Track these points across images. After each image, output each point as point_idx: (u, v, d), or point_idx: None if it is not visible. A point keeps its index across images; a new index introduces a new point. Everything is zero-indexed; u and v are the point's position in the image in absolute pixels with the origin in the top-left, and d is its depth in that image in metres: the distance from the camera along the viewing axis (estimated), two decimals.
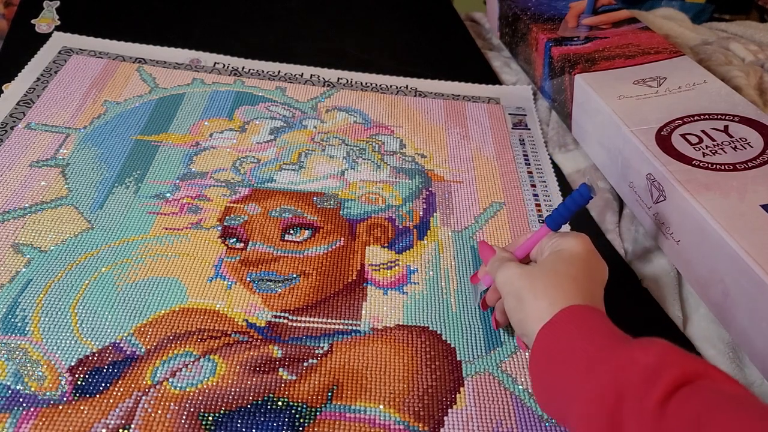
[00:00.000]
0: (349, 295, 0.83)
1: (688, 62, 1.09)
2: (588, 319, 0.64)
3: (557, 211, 0.76)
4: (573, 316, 0.65)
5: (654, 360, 0.55)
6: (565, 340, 0.63)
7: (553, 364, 0.63)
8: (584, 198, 0.74)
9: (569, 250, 0.72)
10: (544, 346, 0.65)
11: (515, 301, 0.70)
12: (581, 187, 0.74)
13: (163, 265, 0.83)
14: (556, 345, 0.64)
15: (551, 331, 0.65)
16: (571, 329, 0.64)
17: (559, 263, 0.71)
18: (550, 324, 0.65)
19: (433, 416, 0.70)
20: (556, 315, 0.65)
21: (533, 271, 0.71)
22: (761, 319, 0.73)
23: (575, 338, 0.62)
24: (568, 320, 0.65)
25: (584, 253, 0.72)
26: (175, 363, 0.72)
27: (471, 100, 1.24)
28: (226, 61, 1.24)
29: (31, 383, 0.68)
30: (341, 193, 0.97)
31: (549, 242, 0.75)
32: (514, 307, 0.71)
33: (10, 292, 0.77)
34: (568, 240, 0.73)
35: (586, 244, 0.73)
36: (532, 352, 0.66)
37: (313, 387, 0.71)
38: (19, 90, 1.07)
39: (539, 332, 0.65)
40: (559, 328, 0.64)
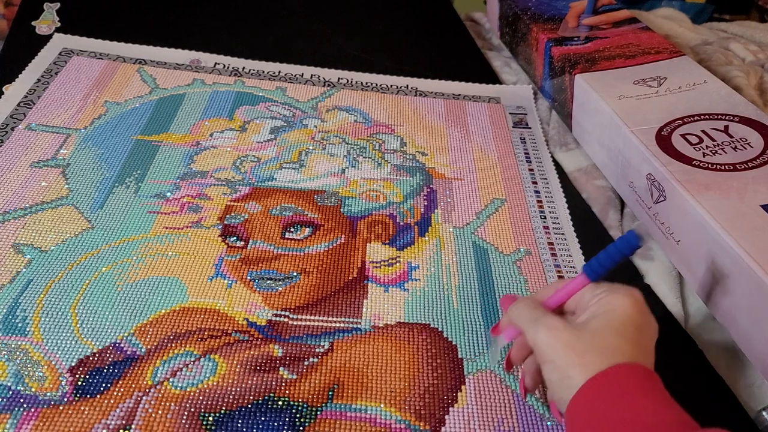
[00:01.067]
0: (349, 292, 0.83)
1: (688, 62, 1.09)
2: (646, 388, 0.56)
3: (597, 261, 0.64)
4: (628, 378, 0.56)
5: None
6: (620, 407, 0.54)
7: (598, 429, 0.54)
8: (631, 247, 0.63)
9: (621, 313, 0.61)
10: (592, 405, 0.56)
11: (559, 376, 0.59)
12: (628, 235, 0.63)
13: (163, 264, 0.83)
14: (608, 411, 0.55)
15: (602, 390, 0.56)
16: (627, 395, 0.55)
17: (610, 332, 0.59)
18: (599, 379, 0.56)
19: (435, 415, 0.70)
20: (607, 370, 0.56)
21: (582, 339, 0.59)
22: (761, 319, 0.73)
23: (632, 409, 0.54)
24: (624, 383, 0.56)
25: (637, 316, 0.61)
26: (176, 363, 0.72)
27: (471, 99, 1.24)
28: (227, 62, 1.24)
29: (31, 384, 0.68)
30: (342, 191, 0.98)
31: (594, 297, 0.64)
32: (557, 382, 0.59)
33: (11, 293, 0.77)
34: (617, 298, 0.62)
35: (638, 305, 0.62)
36: (571, 405, 0.57)
37: (313, 386, 0.71)
38: (19, 91, 1.07)
39: (584, 385, 0.56)
40: (612, 390, 0.56)
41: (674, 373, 0.71)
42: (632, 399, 0.54)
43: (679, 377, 0.75)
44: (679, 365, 0.79)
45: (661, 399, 0.55)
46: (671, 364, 0.76)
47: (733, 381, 0.79)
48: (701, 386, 0.78)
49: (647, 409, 0.53)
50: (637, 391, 0.55)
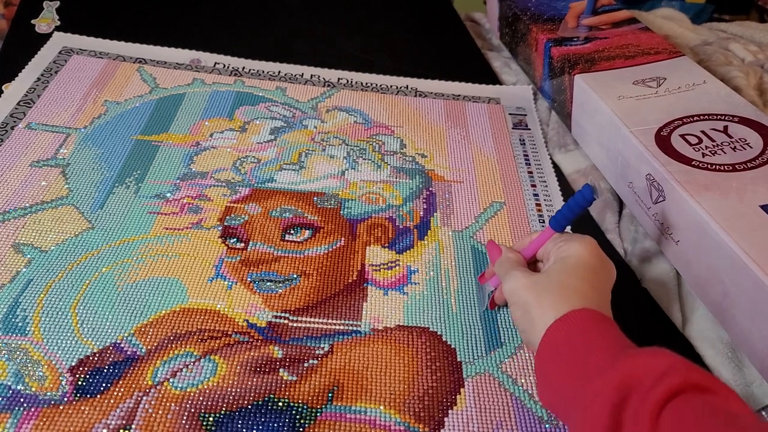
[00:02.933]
0: (349, 295, 0.83)
1: (688, 63, 1.09)
2: (599, 323, 0.65)
3: (561, 213, 0.76)
4: (584, 318, 0.65)
5: (661, 367, 0.56)
6: (572, 341, 0.64)
7: (561, 363, 0.64)
8: (586, 200, 0.74)
9: (575, 257, 0.72)
10: (550, 345, 0.66)
11: (521, 312, 0.71)
12: (584, 189, 0.73)
13: (163, 265, 0.83)
14: (564, 346, 0.64)
15: (562, 328, 0.65)
16: (581, 330, 0.65)
17: (565, 274, 0.71)
18: (559, 322, 0.66)
19: (434, 417, 0.70)
20: (567, 314, 0.66)
21: (539, 282, 0.71)
22: (760, 319, 0.73)
23: (585, 339, 0.63)
24: (577, 322, 0.65)
25: (590, 259, 0.72)
26: (176, 363, 0.72)
27: (471, 100, 1.24)
28: (227, 62, 1.24)
29: (31, 383, 0.68)
30: (342, 193, 0.97)
31: (554, 246, 0.76)
32: (520, 318, 0.71)
33: (11, 292, 0.77)
34: (573, 245, 0.73)
35: (591, 248, 0.73)
36: (539, 350, 0.67)
37: (313, 388, 0.71)
38: (19, 90, 1.07)
39: (549, 328, 0.66)
40: (568, 329, 0.65)
41: None
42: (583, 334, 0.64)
43: None
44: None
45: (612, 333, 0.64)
46: None
47: (732, 381, 0.79)
48: None
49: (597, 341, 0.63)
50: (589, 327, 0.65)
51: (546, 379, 0.66)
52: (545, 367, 0.66)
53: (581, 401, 0.59)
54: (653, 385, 0.54)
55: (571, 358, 0.63)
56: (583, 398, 0.59)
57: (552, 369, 0.65)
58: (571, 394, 0.61)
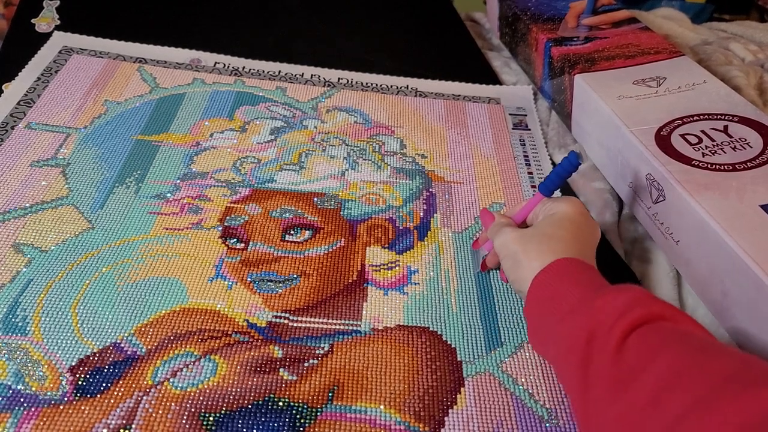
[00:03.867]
0: (349, 295, 0.83)
1: (688, 62, 1.09)
2: (576, 270, 0.71)
3: (549, 179, 0.82)
4: (562, 266, 0.71)
5: (624, 301, 0.61)
6: (554, 286, 0.70)
7: (542, 308, 0.71)
8: (573, 164, 0.80)
9: (561, 213, 0.78)
10: (536, 292, 0.72)
11: (511, 262, 0.77)
12: (570, 155, 0.79)
13: (163, 265, 0.83)
14: (545, 291, 0.71)
15: (543, 278, 0.72)
16: (559, 277, 0.71)
17: (550, 226, 0.77)
18: (543, 272, 0.72)
19: (434, 416, 0.70)
20: (548, 265, 0.72)
21: (527, 234, 0.77)
22: (760, 319, 0.73)
23: (562, 285, 0.69)
24: (558, 270, 0.71)
25: (575, 215, 0.78)
26: (176, 363, 0.72)
27: (471, 100, 1.24)
28: (227, 61, 1.24)
29: (31, 383, 0.68)
30: (342, 194, 0.97)
31: (543, 207, 0.82)
32: (510, 268, 0.77)
33: (11, 292, 0.77)
34: (559, 204, 0.80)
35: (576, 207, 0.79)
36: (527, 299, 0.74)
37: (313, 387, 0.71)
38: (19, 90, 1.07)
39: (533, 280, 0.72)
40: (549, 276, 0.71)
41: None
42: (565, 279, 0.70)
43: None
44: None
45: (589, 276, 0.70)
46: None
47: None
48: None
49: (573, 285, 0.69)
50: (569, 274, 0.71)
51: (533, 326, 0.74)
52: (532, 315, 0.73)
53: (558, 339, 0.66)
54: (617, 318, 0.60)
55: (549, 303, 0.69)
56: (560, 336, 0.65)
57: (536, 315, 0.72)
58: (551, 335, 0.68)
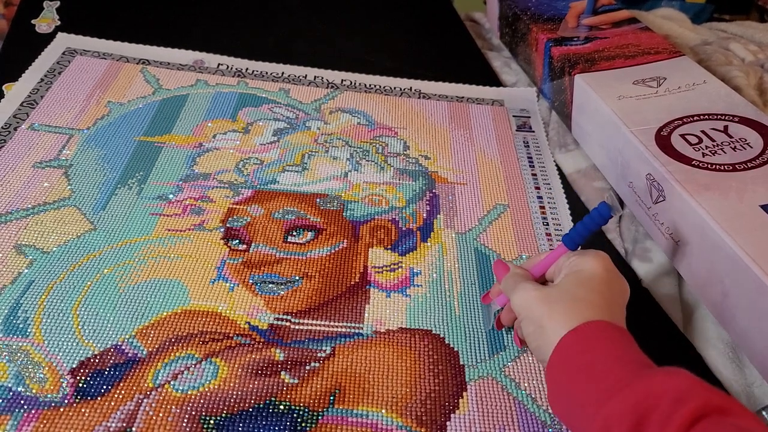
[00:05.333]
0: (351, 297, 0.83)
1: (688, 62, 1.09)
2: (610, 336, 0.63)
3: (575, 230, 0.74)
4: (594, 331, 0.64)
5: (680, 388, 0.55)
6: (586, 354, 0.62)
7: (575, 376, 0.62)
8: (603, 217, 0.71)
9: (588, 271, 0.70)
10: (563, 357, 0.64)
11: (534, 327, 0.68)
12: (600, 206, 0.71)
13: (165, 266, 0.84)
14: (575, 358, 0.63)
15: (572, 342, 0.64)
16: (591, 343, 0.63)
17: (578, 286, 0.68)
18: (572, 335, 0.64)
19: (436, 421, 0.70)
20: (578, 327, 0.64)
21: (552, 294, 0.69)
22: (760, 319, 0.73)
23: (595, 353, 0.62)
24: (589, 334, 0.64)
25: (604, 274, 0.69)
26: (177, 366, 0.72)
27: (475, 102, 1.24)
28: (230, 63, 1.24)
29: (32, 385, 0.68)
30: (344, 195, 0.98)
31: (566, 261, 0.73)
32: (532, 333, 0.68)
33: (12, 294, 0.77)
34: (586, 260, 0.71)
35: (605, 264, 0.70)
36: (551, 362, 0.65)
37: (315, 391, 0.71)
38: (22, 91, 1.08)
39: (561, 340, 0.64)
40: (583, 340, 0.63)
41: None
42: (601, 347, 0.62)
43: None
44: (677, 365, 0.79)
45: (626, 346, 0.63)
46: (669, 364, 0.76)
47: (733, 382, 0.79)
48: None
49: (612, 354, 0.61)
50: (605, 341, 0.63)
51: (558, 392, 0.65)
52: (557, 380, 0.64)
53: (595, 420, 0.57)
54: (673, 408, 0.53)
55: (585, 373, 0.61)
56: (597, 417, 0.57)
57: (565, 382, 0.63)
58: (584, 411, 0.60)
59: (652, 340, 0.65)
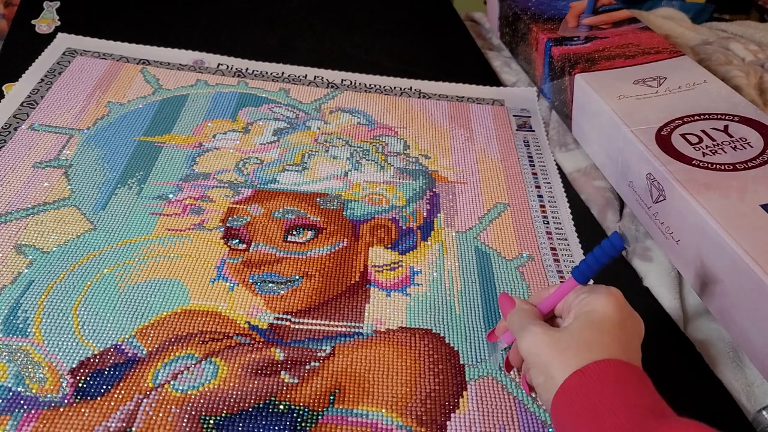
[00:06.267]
0: (352, 296, 0.83)
1: (688, 62, 1.09)
2: (625, 378, 0.59)
3: (585, 263, 0.68)
4: (609, 369, 0.59)
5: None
6: (595, 396, 0.57)
7: (578, 417, 0.58)
8: (616, 249, 0.66)
9: (600, 312, 0.64)
10: (571, 396, 0.59)
11: (543, 376, 0.62)
12: (613, 237, 0.66)
13: (165, 266, 0.84)
14: (584, 399, 0.58)
15: (581, 382, 0.59)
16: (602, 386, 0.58)
17: (589, 330, 0.63)
18: (582, 373, 0.59)
19: (436, 420, 0.70)
20: (590, 365, 0.59)
21: (562, 340, 0.63)
22: (761, 319, 0.73)
23: (606, 397, 0.57)
24: (603, 375, 0.59)
25: (617, 314, 0.64)
26: (177, 365, 0.72)
27: (475, 101, 1.24)
28: (230, 63, 1.24)
29: (32, 385, 0.68)
30: (344, 194, 0.98)
31: (576, 299, 0.68)
32: (542, 384, 0.63)
33: (12, 293, 0.77)
34: (597, 298, 0.65)
35: (617, 302, 0.65)
36: (555, 399, 0.60)
37: (315, 390, 0.71)
38: (23, 91, 1.08)
39: (568, 378, 0.59)
40: (589, 382, 0.59)
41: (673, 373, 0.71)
42: (607, 388, 0.57)
43: (678, 378, 0.75)
44: (677, 366, 0.79)
45: (637, 388, 0.58)
46: (670, 364, 0.76)
47: (732, 381, 0.79)
48: (700, 387, 0.78)
49: (619, 397, 0.56)
50: (612, 382, 0.58)
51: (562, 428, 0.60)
52: (561, 419, 0.60)
53: None
54: None
55: (589, 414, 0.57)
56: None
57: (568, 422, 0.59)
58: None
59: (652, 340, 0.65)
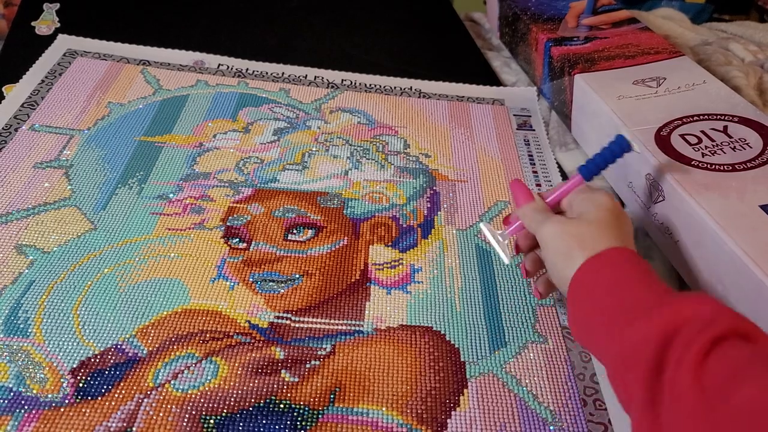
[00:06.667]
0: (352, 295, 0.83)
1: (688, 62, 1.09)
2: (637, 263, 0.67)
3: (593, 162, 0.77)
4: (624, 256, 0.67)
5: (708, 312, 0.57)
6: (616, 275, 0.66)
7: (599, 298, 0.65)
8: (622, 149, 0.75)
9: (605, 204, 0.73)
10: (591, 276, 0.67)
11: (564, 258, 0.70)
12: (618, 138, 0.74)
13: (165, 265, 0.84)
14: (604, 277, 0.66)
15: (601, 263, 0.67)
16: (621, 267, 0.66)
17: (600, 222, 0.71)
18: (599, 257, 0.67)
19: (436, 418, 0.70)
20: (605, 251, 0.67)
21: (580, 227, 0.71)
22: (760, 319, 0.73)
23: (626, 276, 0.65)
24: (620, 258, 0.67)
25: (616, 209, 0.73)
26: (177, 365, 0.72)
27: (475, 101, 1.24)
28: (230, 63, 1.24)
29: (33, 385, 0.68)
30: (345, 193, 0.98)
31: (578, 196, 0.77)
32: (561, 264, 0.71)
33: (13, 294, 0.77)
34: (600, 196, 0.75)
35: (614, 202, 0.74)
36: (576, 279, 0.68)
37: (315, 389, 0.71)
38: (23, 92, 1.08)
39: (586, 262, 0.67)
40: (608, 263, 0.67)
41: None
42: (624, 269, 0.66)
43: None
44: None
45: (647, 271, 0.66)
46: None
47: None
48: None
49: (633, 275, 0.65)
50: (628, 264, 0.66)
51: (580, 312, 0.68)
52: (581, 299, 0.68)
53: (621, 339, 0.60)
54: (699, 330, 0.55)
55: (611, 294, 0.64)
56: (623, 336, 0.60)
57: (589, 302, 0.66)
58: (609, 331, 0.62)
59: None
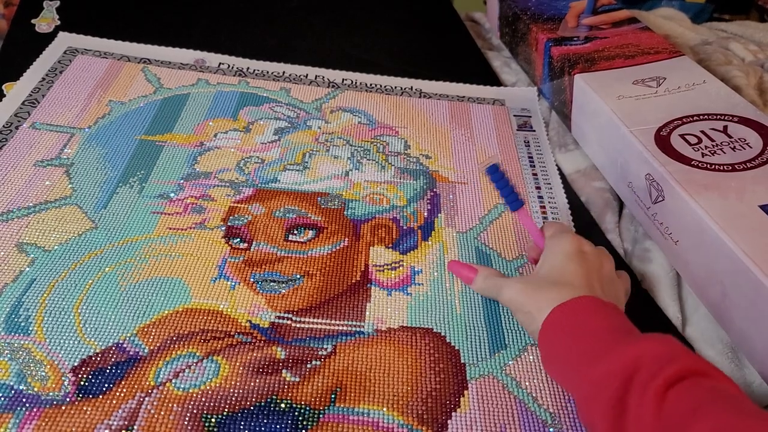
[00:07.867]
0: (352, 296, 0.83)
1: (688, 62, 1.09)
2: (601, 309, 0.70)
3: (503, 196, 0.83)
4: (586, 303, 0.70)
5: (666, 351, 0.61)
6: (580, 321, 0.69)
7: (566, 342, 0.69)
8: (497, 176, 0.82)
9: (561, 252, 0.78)
10: (557, 322, 0.70)
11: (527, 316, 0.75)
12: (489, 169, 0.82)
13: (166, 265, 0.84)
14: (570, 324, 0.69)
15: (565, 311, 0.70)
16: (583, 316, 0.69)
17: (554, 271, 0.76)
18: (565, 305, 0.70)
19: (437, 419, 0.70)
20: (570, 300, 0.70)
21: (531, 283, 0.77)
22: (759, 319, 0.73)
23: (589, 322, 0.68)
24: (583, 305, 0.70)
25: (575, 254, 0.77)
26: (179, 364, 0.72)
27: (476, 101, 1.24)
28: (231, 62, 1.24)
29: (34, 383, 0.68)
30: (345, 194, 0.98)
31: (546, 242, 0.81)
32: (527, 322, 0.75)
33: (14, 292, 0.77)
34: (558, 241, 0.79)
35: (574, 244, 0.78)
36: (544, 326, 0.71)
37: (316, 389, 0.71)
38: (24, 90, 1.08)
39: (553, 310, 0.71)
40: (572, 313, 0.70)
41: None
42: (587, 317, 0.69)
43: None
44: None
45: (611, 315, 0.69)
46: None
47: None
48: None
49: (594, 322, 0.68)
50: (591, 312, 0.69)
51: (551, 356, 0.72)
52: (550, 345, 0.71)
53: (587, 381, 0.63)
54: (658, 369, 0.58)
55: (576, 338, 0.68)
56: (588, 378, 0.63)
57: (557, 347, 0.70)
58: (576, 373, 0.66)
59: None
